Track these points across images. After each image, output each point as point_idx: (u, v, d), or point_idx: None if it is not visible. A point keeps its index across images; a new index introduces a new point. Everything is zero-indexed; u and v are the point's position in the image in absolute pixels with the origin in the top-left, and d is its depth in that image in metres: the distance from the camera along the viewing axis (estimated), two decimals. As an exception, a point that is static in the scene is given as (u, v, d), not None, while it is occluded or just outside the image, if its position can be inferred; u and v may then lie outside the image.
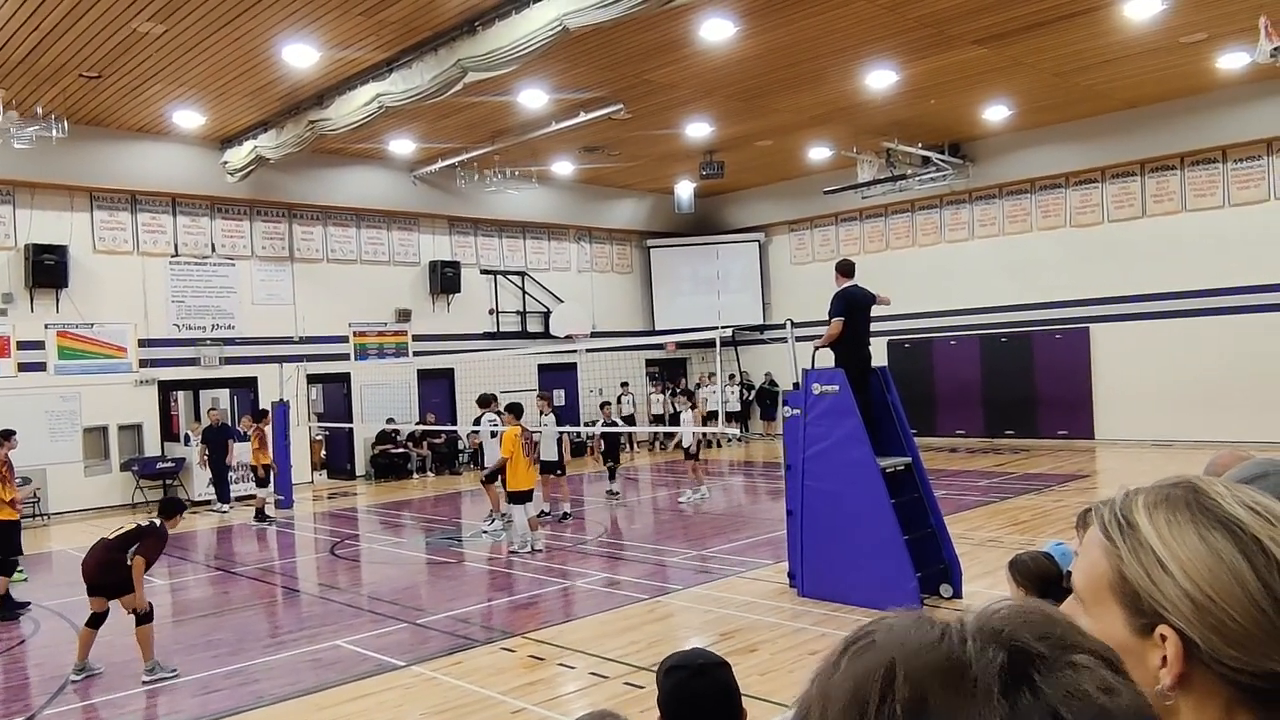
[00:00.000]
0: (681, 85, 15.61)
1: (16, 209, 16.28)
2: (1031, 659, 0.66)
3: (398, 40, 12.83)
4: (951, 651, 0.67)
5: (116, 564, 7.21)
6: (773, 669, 6.64)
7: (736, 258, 25.48)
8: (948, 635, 0.68)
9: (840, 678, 0.69)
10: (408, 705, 6.42)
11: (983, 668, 0.65)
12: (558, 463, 13.75)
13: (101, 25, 11.88)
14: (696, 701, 2.33)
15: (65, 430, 16.58)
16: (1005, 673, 0.65)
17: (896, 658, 0.67)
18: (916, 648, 0.68)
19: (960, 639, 0.68)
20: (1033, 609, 0.71)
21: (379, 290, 20.63)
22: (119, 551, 7.23)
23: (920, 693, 0.65)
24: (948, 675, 0.65)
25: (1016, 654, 0.66)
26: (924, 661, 0.66)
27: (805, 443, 8.53)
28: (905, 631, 0.70)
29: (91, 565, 7.29)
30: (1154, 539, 0.89)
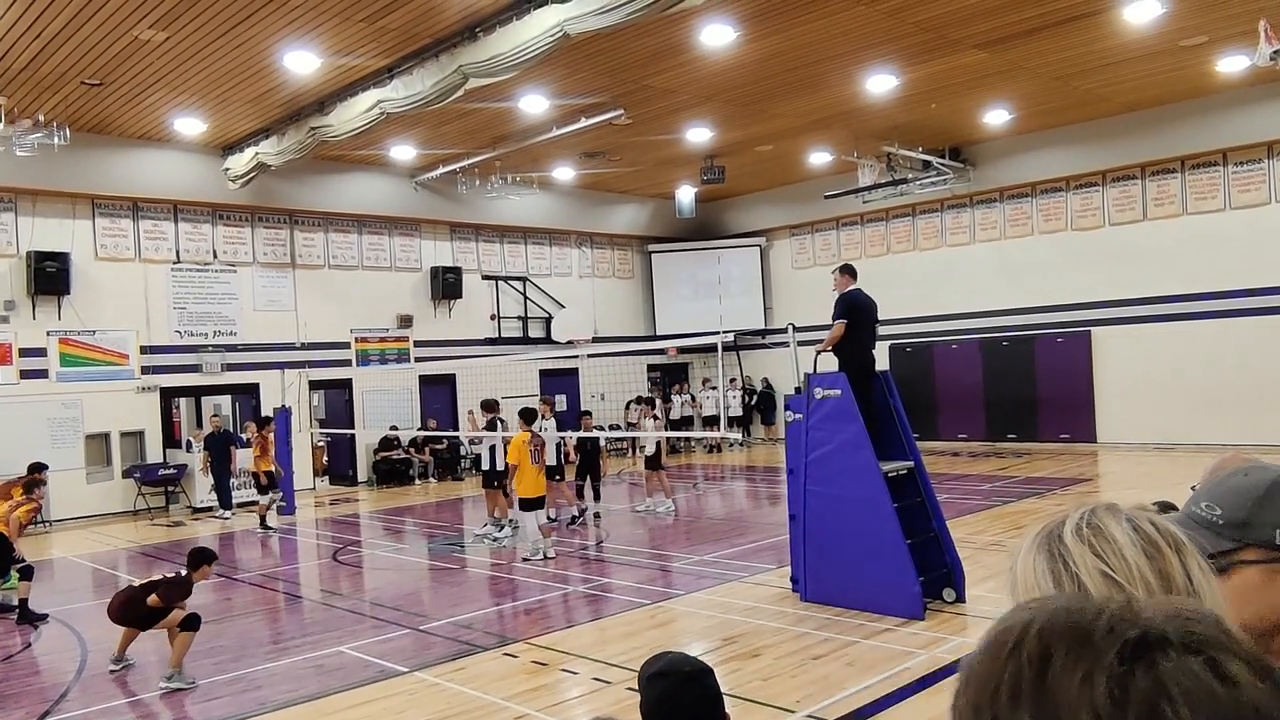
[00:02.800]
0: (682, 90, 15.64)
1: (19, 216, 16.31)
2: (1161, 641, 0.69)
3: (399, 47, 12.86)
4: (1083, 621, 0.72)
5: (138, 602, 7.35)
6: (775, 674, 6.63)
7: (737, 262, 25.49)
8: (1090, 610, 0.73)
9: (989, 630, 0.76)
10: (411, 711, 6.41)
11: (1108, 639, 0.70)
12: (557, 468, 13.64)
13: (104, 33, 11.91)
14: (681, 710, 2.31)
15: (67, 437, 16.59)
16: (1128, 647, 0.69)
17: (1037, 618, 0.74)
18: (1057, 613, 0.74)
19: (1097, 614, 0.73)
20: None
21: (381, 296, 20.64)
22: (141, 593, 7.38)
23: (1045, 649, 0.70)
24: (1071, 639, 0.71)
25: (1147, 634, 0.70)
26: (1055, 624, 0.72)
27: (807, 447, 8.53)
28: (1057, 603, 0.76)
29: (115, 609, 7.46)
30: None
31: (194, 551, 7.69)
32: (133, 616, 7.38)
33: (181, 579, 7.47)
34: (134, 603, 7.37)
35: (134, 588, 7.51)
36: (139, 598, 7.36)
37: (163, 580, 7.46)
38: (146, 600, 7.29)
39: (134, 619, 7.38)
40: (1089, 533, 1.01)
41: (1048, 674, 0.69)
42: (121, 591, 7.61)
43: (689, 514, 14.70)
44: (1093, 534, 1.00)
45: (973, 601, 8.17)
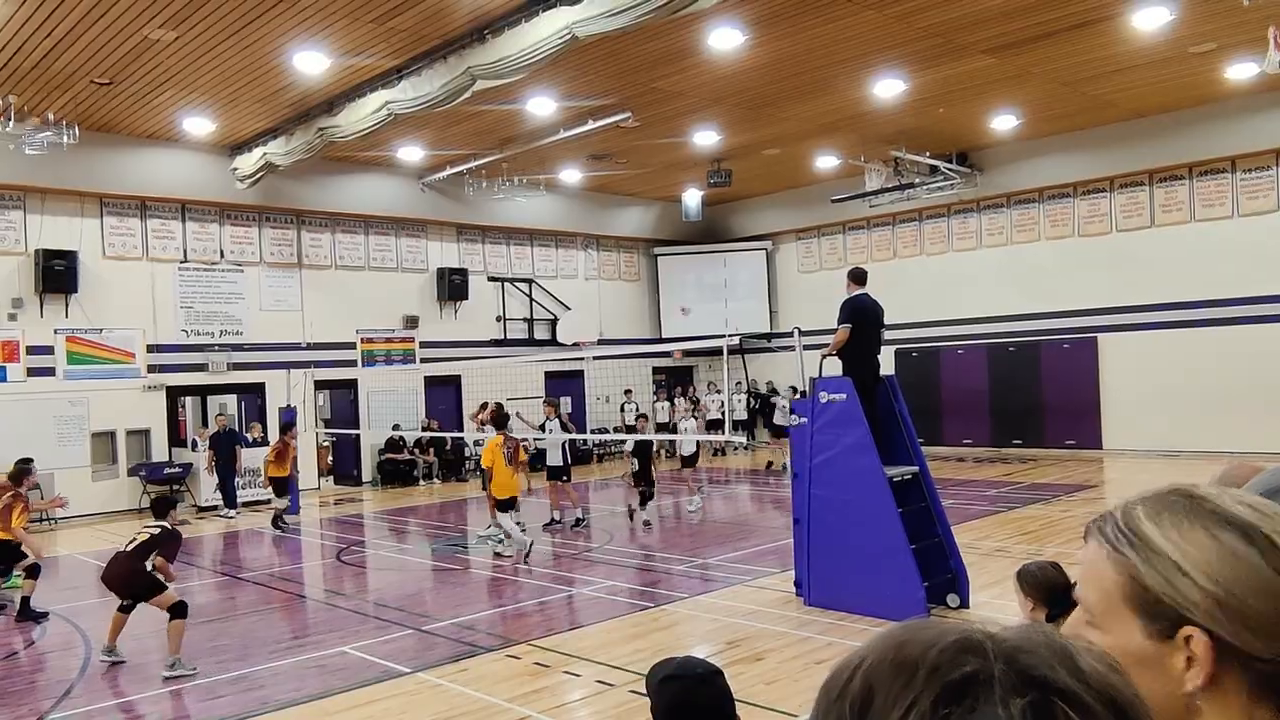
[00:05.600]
0: (689, 93, 15.64)
1: (27, 214, 16.37)
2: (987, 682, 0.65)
3: (407, 48, 12.88)
4: (911, 655, 0.68)
5: (139, 573, 7.51)
6: (778, 678, 6.62)
7: (743, 266, 25.48)
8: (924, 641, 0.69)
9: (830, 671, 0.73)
10: (413, 712, 6.41)
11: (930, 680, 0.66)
12: (563, 468, 13.73)
13: (113, 32, 11.95)
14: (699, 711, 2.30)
15: (73, 435, 16.63)
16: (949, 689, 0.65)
17: (869, 655, 0.70)
18: (887, 647, 0.70)
19: (929, 646, 0.68)
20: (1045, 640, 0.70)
21: (387, 297, 20.67)
22: (139, 560, 7.51)
23: (868, 690, 0.67)
24: (895, 675, 0.67)
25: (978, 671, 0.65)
26: (884, 660, 0.69)
27: (812, 451, 8.52)
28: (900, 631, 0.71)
29: (116, 579, 7.56)
30: (1166, 545, 0.92)
31: (157, 502, 8.07)
32: (141, 586, 7.51)
33: (170, 531, 7.70)
34: (138, 575, 7.49)
35: (128, 555, 7.52)
36: (140, 569, 7.50)
37: (153, 540, 7.57)
38: (149, 565, 7.49)
39: (142, 588, 7.51)
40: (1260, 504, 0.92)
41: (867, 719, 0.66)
42: (117, 564, 7.58)
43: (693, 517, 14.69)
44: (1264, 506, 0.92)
45: (977, 607, 8.15)
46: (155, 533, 7.64)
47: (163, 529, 7.69)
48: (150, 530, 7.67)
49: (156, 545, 7.58)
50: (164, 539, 7.64)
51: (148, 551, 7.54)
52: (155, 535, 7.62)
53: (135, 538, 7.63)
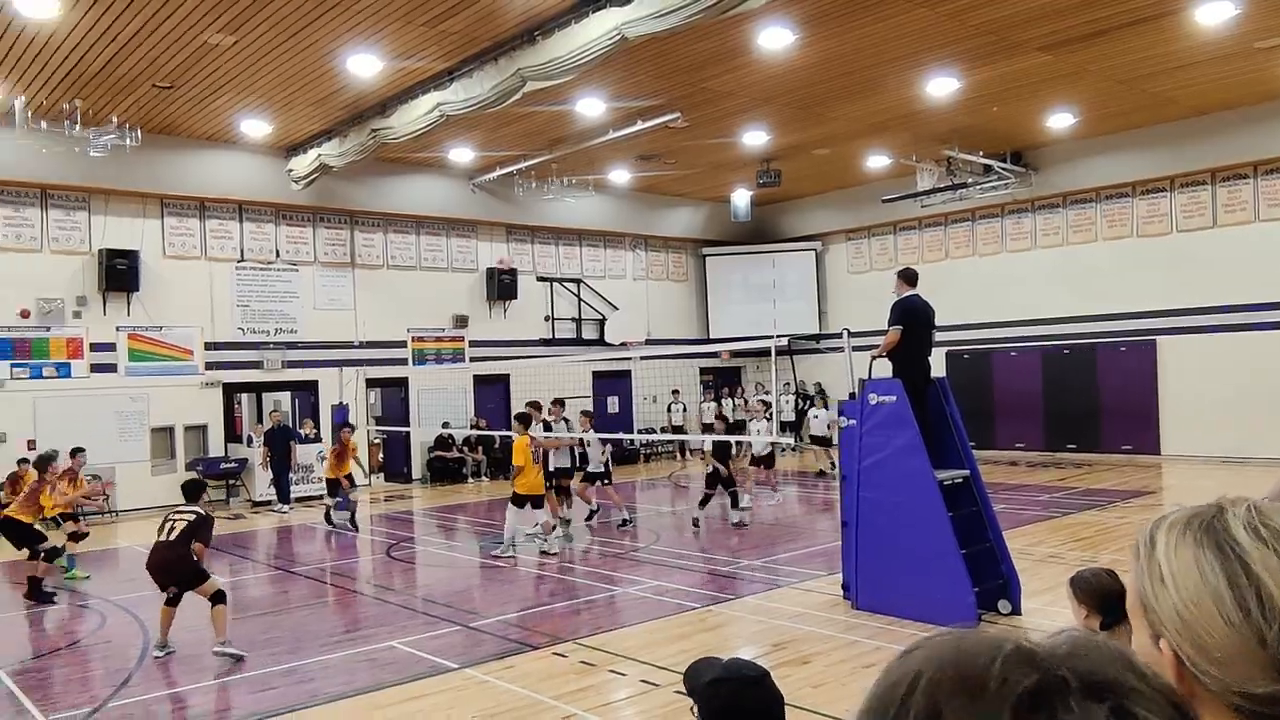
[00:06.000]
0: (739, 93, 15.59)
1: (92, 215, 16.82)
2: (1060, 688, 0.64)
3: (459, 50, 13.01)
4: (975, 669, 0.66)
5: (184, 559, 7.72)
6: (825, 681, 6.57)
7: (793, 266, 25.33)
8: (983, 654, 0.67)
9: (874, 684, 0.70)
10: (460, 707, 6.47)
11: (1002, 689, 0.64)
12: (604, 473, 13.65)
13: (175, 37, 12.23)
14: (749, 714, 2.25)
15: (134, 430, 17.06)
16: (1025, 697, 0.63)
17: (924, 669, 0.68)
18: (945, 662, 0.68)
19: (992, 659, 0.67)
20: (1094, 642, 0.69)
21: (437, 296, 20.90)
22: (182, 548, 7.71)
23: (934, 705, 0.65)
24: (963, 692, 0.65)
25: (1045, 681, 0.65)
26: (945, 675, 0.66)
27: (861, 453, 8.45)
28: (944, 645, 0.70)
29: (160, 568, 7.76)
30: (1160, 556, 0.93)
31: (189, 485, 8.25)
32: (187, 573, 7.73)
33: (204, 516, 7.90)
34: (182, 562, 7.71)
35: (170, 544, 7.70)
36: (184, 555, 7.71)
37: (190, 526, 7.76)
38: (193, 552, 7.71)
39: (187, 575, 7.73)
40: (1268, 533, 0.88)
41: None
42: (160, 554, 7.74)
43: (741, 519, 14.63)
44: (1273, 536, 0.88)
45: (1028, 614, 8.02)
46: (191, 519, 7.81)
47: (197, 514, 7.87)
48: (185, 516, 7.84)
49: (195, 531, 7.76)
50: (200, 524, 7.82)
51: (189, 538, 7.72)
52: (192, 521, 7.79)
53: (173, 525, 7.80)
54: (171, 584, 7.78)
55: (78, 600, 10.33)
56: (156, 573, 7.78)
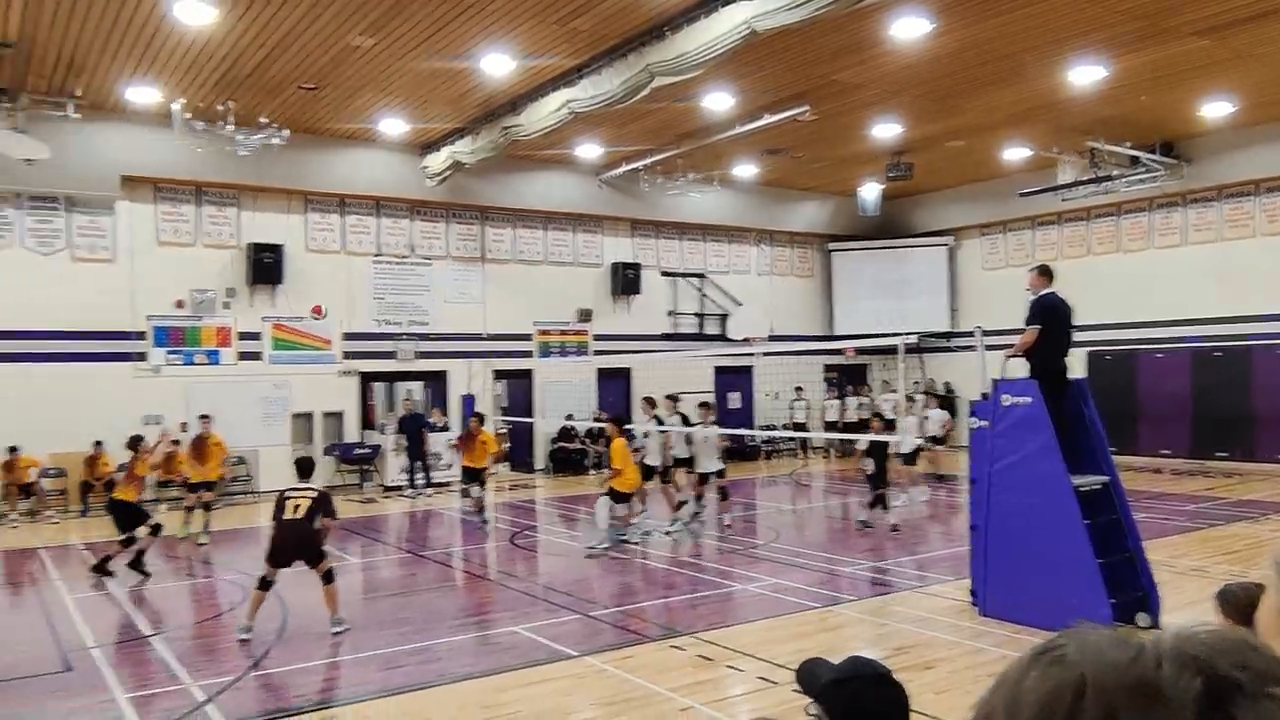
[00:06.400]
0: (870, 85, 15.27)
1: (241, 211, 17.77)
2: (1230, 688, 0.62)
3: (588, 47, 13.16)
4: (1145, 673, 0.64)
5: (312, 536, 8.12)
6: (948, 688, 6.39)
7: (923, 262, 24.67)
8: (1142, 656, 0.65)
9: (1029, 689, 0.67)
10: (579, 694, 6.57)
11: (1177, 693, 0.62)
12: (720, 471, 13.30)
13: (320, 41, 12.79)
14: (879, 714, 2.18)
15: (276, 415, 17.96)
16: (1202, 700, 0.61)
17: (1087, 674, 0.65)
18: (1109, 665, 0.65)
19: (1155, 661, 0.65)
20: (1235, 636, 0.67)
21: (563, 290, 21.23)
22: (310, 524, 8.09)
23: (1110, 713, 0.63)
24: (1139, 698, 0.63)
25: (1214, 682, 0.63)
26: (1116, 681, 0.64)
27: (992, 456, 8.17)
28: (1098, 647, 0.67)
29: (293, 544, 8.11)
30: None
31: (303, 461, 8.63)
32: (316, 549, 8.13)
33: (323, 492, 8.27)
34: (312, 537, 8.09)
35: (299, 522, 8.04)
36: (313, 531, 8.09)
37: (316, 502, 8.11)
38: (320, 527, 8.09)
39: (315, 551, 8.13)
40: None
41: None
42: (289, 527, 8.05)
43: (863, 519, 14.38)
44: None
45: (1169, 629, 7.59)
46: (314, 495, 8.17)
47: (319, 491, 8.24)
48: (308, 494, 8.18)
49: (320, 507, 8.12)
50: (325, 500, 8.19)
51: (314, 515, 8.08)
52: (316, 498, 8.14)
53: (298, 504, 8.12)
54: (298, 559, 8.13)
55: (221, 575, 10.94)
56: (285, 549, 8.09)
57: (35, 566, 11.63)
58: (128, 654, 7.78)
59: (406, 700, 6.47)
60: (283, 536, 8.10)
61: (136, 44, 12.86)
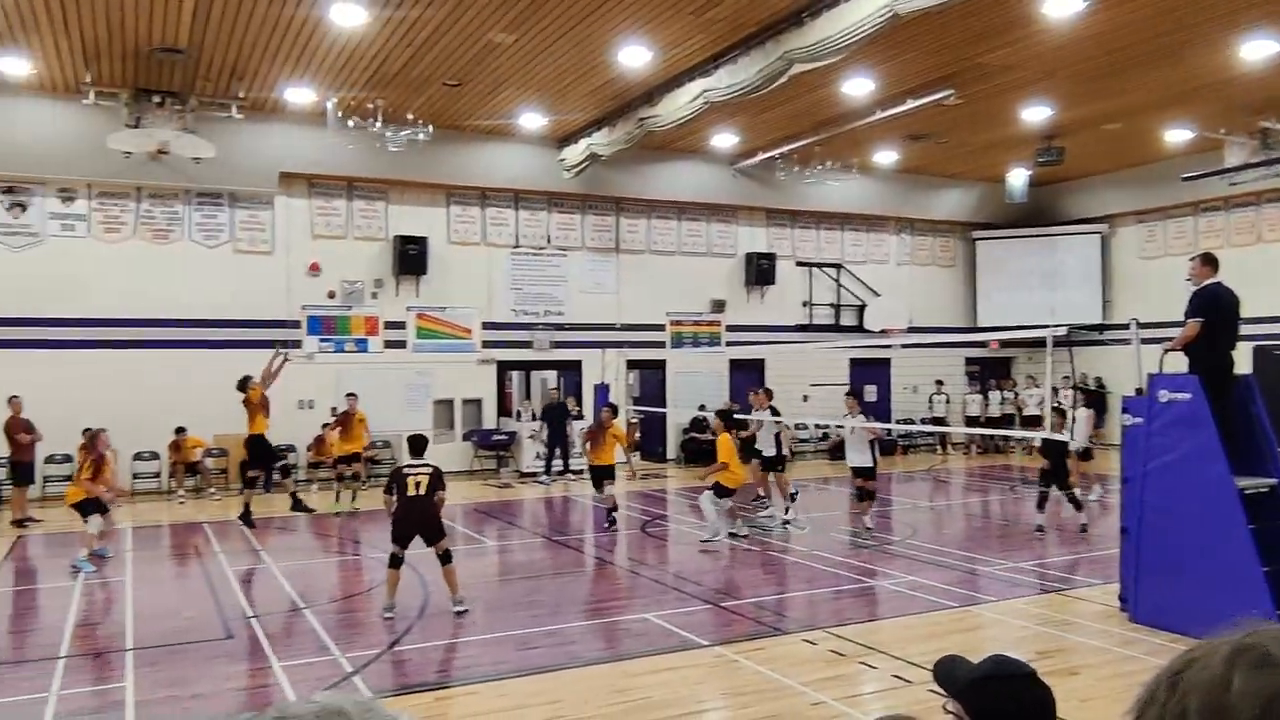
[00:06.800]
0: (1019, 67, 14.65)
1: (389, 205, 18.50)
2: None
3: (725, 36, 13.09)
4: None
5: (433, 512, 8.35)
6: (1095, 696, 6.10)
7: (1074, 251, 23.54)
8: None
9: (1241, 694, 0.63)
10: (710, 683, 6.58)
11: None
12: (871, 468, 12.48)
13: (463, 38, 13.16)
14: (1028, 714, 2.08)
15: (419, 401, 18.64)
16: None
17: None
18: None
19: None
20: None
21: (696, 281, 21.24)
22: (430, 501, 8.32)
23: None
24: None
25: None
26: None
27: (1147, 454, 7.74)
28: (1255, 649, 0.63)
29: (414, 521, 8.34)
30: None
31: (417, 438, 8.75)
32: (438, 525, 8.37)
33: (437, 468, 8.45)
34: (433, 513, 8.32)
35: (422, 499, 8.26)
36: (434, 507, 8.32)
37: (432, 480, 8.31)
38: (438, 502, 8.33)
39: (437, 528, 8.36)
40: None
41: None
42: (417, 505, 8.27)
43: (1004, 518, 13.88)
44: None
45: (1349, 646, 7.03)
46: (430, 472, 8.37)
47: (433, 468, 8.44)
48: (424, 471, 8.38)
49: (435, 483, 8.32)
50: (439, 476, 8.40)
51: (433, 491, 8.31)
52: (431, 475, 8.35)
53: (417, 480, 8.32)
54: (420, 535, 8.36)
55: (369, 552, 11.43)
56: (410, 526, 8.33)
57: (200, 540, 12.45)
58: (282, 624, 8.23)
59: (539, 681, 6.61)
60: (407, 513, 8.32)
61: (294, 47, 13.54)
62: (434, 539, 8.39)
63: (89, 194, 16.37)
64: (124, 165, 15.78)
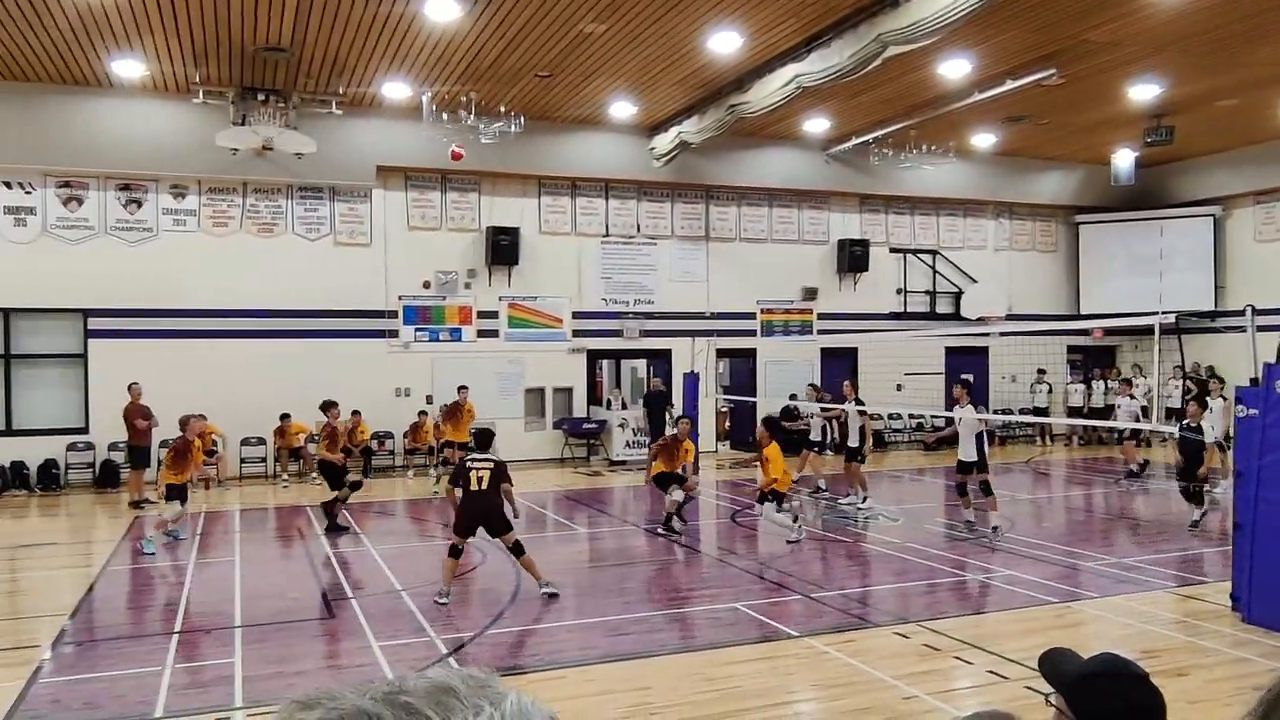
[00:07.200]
0: (1126, 43, 14.06)
1: (482, 196, 18.80)
2: None
3: (817, 20, 12.90)
4: None
5: (498, 506, 8.38)
6: (1204, 699, 5.86)
7: (1184, 234, 22.54)
8: None
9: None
10: (800, 674, 6.54)
11: None
12: (971, 463, 11.87)
13: (554, 29, 13.26)
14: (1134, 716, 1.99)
15: (511, 390, 18.93)
16: None
17: None
18: None
19: None
20: None
21: (787, 268, 21.03)
22: (495, 495, 8.37)
23: None
24: None
25: None
26: None
27: (1262, 448, 7.38)
28: None
29: (480, 515, 8.41)
30: None
31: (481, 433, 8.84)
32: (502, 518, 8.38)
33: (500, 461, 8.48)
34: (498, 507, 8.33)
35: (486, 493, 8.30)
36: (498, 501, 8.34)
37: (492, 473, 8.36)
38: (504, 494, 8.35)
39: (502, 521, 8.37)
40: None
41: None
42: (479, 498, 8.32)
43: (1108, 512, 13.42)
44: None
45: None
46: (493, 466, 8.42)
47: (496, 461, 8.49)
48: (487, 465, 8.43)
49: (499, 476, 8.37)
50: (503, 469, 8.44)
51: (498, 485, 8.36)
52: (494, 469, 8.39)
53: (480, 476, 8.38)
54: (484, 527, 8.45)
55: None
56: (473, 519, 8.41)
57: (303, 522, 12.90)
58: (381, 605, 8.48)
59: (630, 667, 6.67)
60: (470, 507, 8.42)
61: (390, 43, 13.84)
62: (498, 532, 8.46)
63: (199, 190, 17.06)
64: (231, 162, 16.41)
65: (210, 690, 6.36)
